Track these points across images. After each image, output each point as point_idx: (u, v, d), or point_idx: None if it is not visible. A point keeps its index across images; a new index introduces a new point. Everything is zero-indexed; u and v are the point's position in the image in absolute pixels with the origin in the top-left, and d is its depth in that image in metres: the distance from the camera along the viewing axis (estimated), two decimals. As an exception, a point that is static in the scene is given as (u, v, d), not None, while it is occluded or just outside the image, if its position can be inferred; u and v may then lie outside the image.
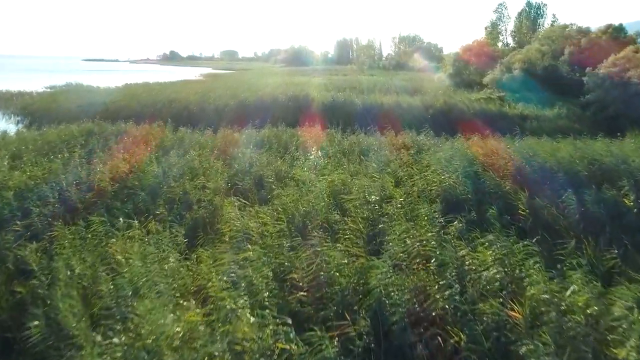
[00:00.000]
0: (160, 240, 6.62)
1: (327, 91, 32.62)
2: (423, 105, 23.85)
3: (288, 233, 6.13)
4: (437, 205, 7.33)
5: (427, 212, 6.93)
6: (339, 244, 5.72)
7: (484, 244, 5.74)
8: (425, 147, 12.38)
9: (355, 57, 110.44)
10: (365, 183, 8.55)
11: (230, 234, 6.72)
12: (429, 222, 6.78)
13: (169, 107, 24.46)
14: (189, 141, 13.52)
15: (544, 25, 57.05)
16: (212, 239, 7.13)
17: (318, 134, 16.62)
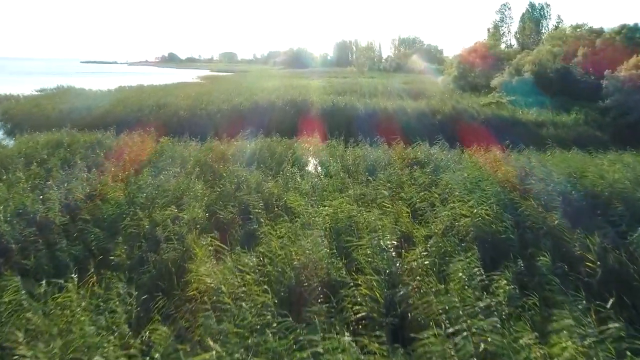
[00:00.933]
0: (102, 309, 4.83)
1: (327, 95, 30.81)
2: (429, 111, 22.05)
3: (274, 309, 4.29)
4: (474, 253, 5.50)
5: (464, 266, 5.11)
6: (348, 333, 3.87)
7: (559, 331, 3.91)
8: (442, 163, 10.54)
9: (355, 59, 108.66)
10: (376, 218, 6.72)
11: (199, 300, 4.92)
12: (466, 280, 4.98)
13: (157, 112, 22.63)
14: (168, 154, 11.67)
15: (548, 26, 55.43)
16: (176, 300, 5.33)
17: (317, 144, 14.82)
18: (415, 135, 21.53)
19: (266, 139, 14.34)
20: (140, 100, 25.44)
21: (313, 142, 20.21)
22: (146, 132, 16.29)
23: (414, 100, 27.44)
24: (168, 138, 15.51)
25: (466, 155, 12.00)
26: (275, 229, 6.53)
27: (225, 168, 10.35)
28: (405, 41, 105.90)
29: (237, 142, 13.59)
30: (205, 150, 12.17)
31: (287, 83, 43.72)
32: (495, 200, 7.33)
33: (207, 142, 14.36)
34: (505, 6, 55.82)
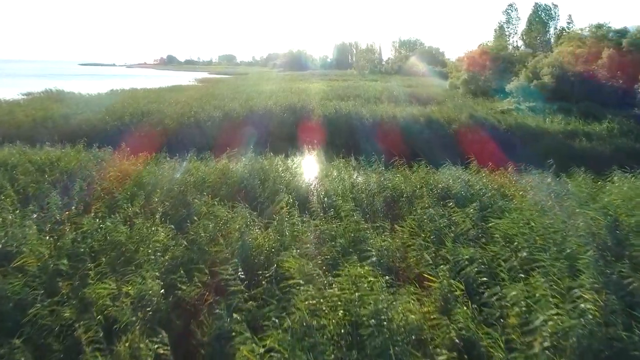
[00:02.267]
0: None
1: (328, 100, 28.30)
2: (443, 119, 19.52)
3: None
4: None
5: None
6: None
7: None
8: (486, 197, 7.98)
9: (355, 61, 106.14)
10: (415, 310, 4.24)
11: None
12: None
13: (140, 122, 20.08)
14: (132, 183, 9.10)
15: (557, 27, 53.00)
16: None
17: (320, 162, 12.28)
18: (429, 149, 19.11)
19: (258, 160, 11.65)
20: (123, 107, 22.85)
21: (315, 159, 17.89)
22: (120, 148, 13.85)
23: (422, 106, 25.01)
24: (144, 155, 13.04)
25: (508, 181, 9.48)
26: (261, 336, 3.99)
27: (203, 203, 7.80)
28: (405, 43, 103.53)
29: (221, 162, 10.97)
30: (181, 177, 9.60)
31: (286, 86, 41.24)
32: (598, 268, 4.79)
33: (188, 161, 11.81)
34: (512, 7, 53.40)
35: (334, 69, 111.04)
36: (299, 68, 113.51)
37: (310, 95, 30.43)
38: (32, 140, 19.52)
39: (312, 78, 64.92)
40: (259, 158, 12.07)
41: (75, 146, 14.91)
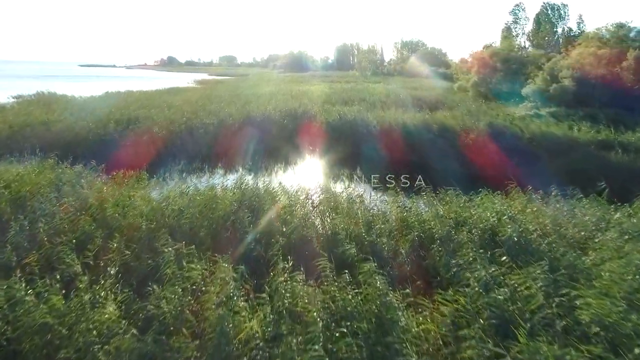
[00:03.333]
0: None
1: (331, 104, 26.35)
2: (460, 127, 17.55)
3: None
4: None
5: None
6: None
7: None
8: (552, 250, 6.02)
9: (357, 62, 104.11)
10: None
11: None
12: None
13: (126, 129, 18.14)
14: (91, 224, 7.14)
15: (566, 27, 51.02)
16: None
17: (327, 183, 10.30)
18: (443, 160, 17.15)
19: (252, 180, 9.70)
20: (109, 113, 20.89)
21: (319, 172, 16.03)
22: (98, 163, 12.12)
23: (431, 111, 23.05)
24: (121, 175, 11.17)
25: (562, 217, 7.51)
26: None
27: (173, 254, 5.86)
28: (408, 44, 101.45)
29: (208, 188, 9.00)
30: (157, 206, 7.64)
31: (286, 89, 39.29)
32: None
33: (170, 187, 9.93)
34: (519, 6, 51.34)
35: (335, 70, 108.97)
36: (300, 69, 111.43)
37: (312, 99, 28.49)
38: (10, 149, 17.77)
39: (313, 79, 62.97)
40: (254, 177, 10.06)
41: (46, 160, 13.15)
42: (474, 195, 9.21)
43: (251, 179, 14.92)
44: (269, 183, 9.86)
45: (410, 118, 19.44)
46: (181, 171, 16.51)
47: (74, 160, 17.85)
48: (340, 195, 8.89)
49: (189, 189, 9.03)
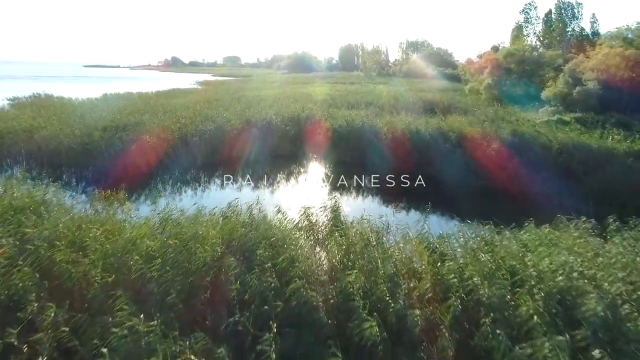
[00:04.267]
0: None
1: (336, 108, 24.64)
2: (480, 136, 15.78)
3: None
4: None
5: None
6: None
7: None
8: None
9: (362, 63, 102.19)
10: None
11: None
12: None
13: (113, 137, 16.47)
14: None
15: (577, 27, 49.02)
16: None
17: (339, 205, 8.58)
18: (463, 173, 15.37)
19: (241, 212, 7.98)
20: (96, 119, 19.24)
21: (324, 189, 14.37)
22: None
23: (444, 116, 21.31)
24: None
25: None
26: None
27: (124, 335, 4.20)
28: (413, 44, 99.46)
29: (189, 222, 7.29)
30: (121, 250, 5.96)
31: (290, 91, 37.61)
32: None
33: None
34: (531, 5, 49.31)
35: (340, 70, 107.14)
36: (304, 70, 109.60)
37: (316, 102, 26.79)
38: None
39: (317, 80, 61.24)
40: (251, 192, 8.37)
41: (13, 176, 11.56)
42: (515, 228, 7.50)
43: (246, 199, 13.28)
44: (266, 206, 8.18)
45: (423, 124, 17.68)
46: (169, 186, 14.86)
47: (55, 171, 16.40)
48: (351, 227, 7.19)
49: (168, 217, 7.32)
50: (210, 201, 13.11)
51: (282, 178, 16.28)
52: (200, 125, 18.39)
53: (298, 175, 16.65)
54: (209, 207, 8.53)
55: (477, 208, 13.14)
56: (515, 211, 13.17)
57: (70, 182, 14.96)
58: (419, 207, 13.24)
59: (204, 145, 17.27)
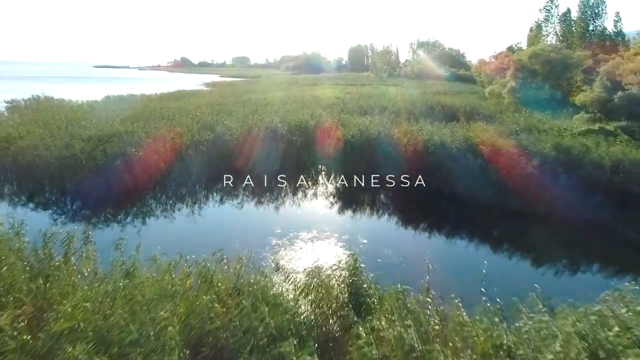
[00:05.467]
0: None
1: (348, 113, 22.45)
2: (515, 149, 13.45)
3: None
4: None
5: None
6: None
7: None
8: None
9: (371, 63, 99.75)
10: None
11: None
12: None
13: (95, 149, 14.39)
14: None
15: (600, 26, 46.22)
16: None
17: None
18: (500, 193, 13.07)
19: (230, 261, 5.88)
20: (86, 126, 17.22)
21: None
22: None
23: (467, 123, 19.04)
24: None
25: None
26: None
27: None
28: (424, 44, 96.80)
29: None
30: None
31: (298, 93, 35.42)
32: None
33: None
34: (552, 3, 46.55)
35: (349, 71, 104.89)
36: (313, 70, 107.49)
37: (325, 106, 24.60)
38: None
39: (326, 82, 59.04)
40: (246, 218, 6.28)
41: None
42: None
43: (241, 227, 11.41)
44: (264, 251, 6.07)
45: (448, 135, 15.39)
46: (157, 209, 12.76)
47: (31, 188, 14.44)
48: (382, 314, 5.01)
49: (120, 289, 5.17)
50: (200, 231, 10.95)
51: (286, 195, 14.11)
52: (197, 135, 16.30)
53: (305, 192, 14.47)
54: (191, 249, 6.48)
55: (520, 239, 10.92)
56: (568, 243, 11.03)
57: (44, 203, 12.97)
58: (451, 232, 11.07)
59: (200, 158, 15.18)
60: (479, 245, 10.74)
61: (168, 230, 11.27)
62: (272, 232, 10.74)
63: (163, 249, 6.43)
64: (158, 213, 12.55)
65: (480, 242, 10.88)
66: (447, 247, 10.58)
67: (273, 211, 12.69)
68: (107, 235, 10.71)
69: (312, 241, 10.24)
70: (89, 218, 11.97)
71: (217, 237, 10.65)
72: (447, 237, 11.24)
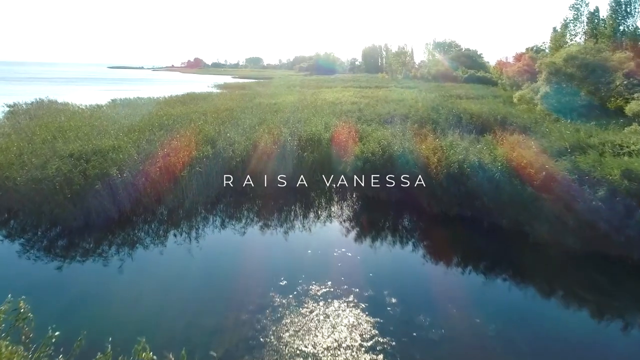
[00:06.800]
0: None
1: (366, 122, 20.05)
2: (571, 175, 10.97)
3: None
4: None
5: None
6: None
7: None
8: None
9: (386, 64, 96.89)
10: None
11: None
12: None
13: (75, 167, 12.25)
14: None
15: (632, 25, 42.92)
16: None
17: None
18: (562, 238, 10.52)
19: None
20: (71, 138, 15.12)
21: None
22: None
23: (500, 135, 16.56)
24: None
25: None
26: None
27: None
28: (440, 45, 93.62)
29: None
30: None
31: (310, 97, 33.12)
32: None
33: None
34: (582, 1, 43.38)
35: (363, 72, 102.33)
36: (326, 71, 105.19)
37: (340, 114, 22.24)
38: None
39: (339, 83, 56.65)
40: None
41: None
42: None
43: (239, 268, 9.29)
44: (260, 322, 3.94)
45: (487, 155, 12.89)
46: (138, 242, 10.53)
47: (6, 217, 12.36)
48: None
49: None
50: (184, 285, 8.09)
51: (295, 225, 11.77)
52: (195, 150, 14.10)
53: (317, 221, 12.14)
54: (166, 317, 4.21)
55: (595, 293, 8.37)
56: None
57: (12, 235, 10.88)
58: (503, 278, 8.50)
59: (197, 180, 12.97)
60: (544, 298, 8.33)
61: (146, 274, 9.06)
62: (275, 284, 8.48)
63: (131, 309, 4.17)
64: (136, 252, 10.33)
65: (544, 294, 8.46)
66: (502, 304, 8.13)
67: (278, 249, 10.39)
68: (73, 279, 8.59)
69: (325, 302, 7.92)
70: (60, 254, 9.88)
71: (207, 292, 8.41)
72: (498, 285, 8.79)
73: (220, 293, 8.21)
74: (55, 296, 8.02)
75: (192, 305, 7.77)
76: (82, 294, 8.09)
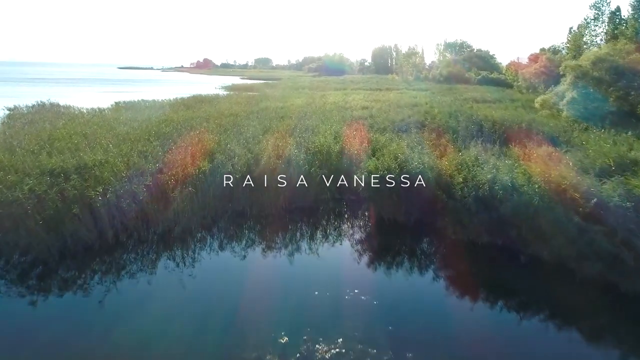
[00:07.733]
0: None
1: (379, 131, 18.43)
2: (635, 203, 9.30)
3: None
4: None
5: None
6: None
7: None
8: None
9: (397, 66, 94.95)
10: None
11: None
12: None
13: (49, 192, 10.79)
14: None
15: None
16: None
17: None
18: (610, 275, 8.78)
19: None
20: (56, 149, 13.69)
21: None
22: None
23: (525, 146, 14.90)
24: None
25: None
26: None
27: None
28: (451, 45, 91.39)
29: None
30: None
31: (319, 101, 31.60)
32: None
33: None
34: (604, 0, 41.21)
35: (373, 73, 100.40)
36: (335, 72, 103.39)
37: (351, 121, 20.59)
38: None
39: (349, 85, 55.04)
40: None
41: None
42: None
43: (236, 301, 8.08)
44: None
45: (521, 175, 11.20)
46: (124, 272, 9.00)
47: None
48: None
49: None
50: (178, 320, 7.12)
51: (299, 258, 10.19)
52: (189, 166, 12.58)
53: (324, 252, 10.56)
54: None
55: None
56: None
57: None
58: (549, 325, 6.93)
59: (191, 202, 11.45)
60: (592, 347, 6.70)
61: (124, 315, 7.55)
62: (275, 340, 6.91)
63: None
64: (115, 287, 8.84)
65: (592, 342, 6.82)
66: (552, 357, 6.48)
67: (279, 291, 8.79)
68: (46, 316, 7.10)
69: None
70: (33, 287, 8.47)
71: (194, 345, 6.88)
72: (545, 332, 7.14)
73: (207, 348, 6.66)
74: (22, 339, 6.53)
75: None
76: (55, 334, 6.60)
